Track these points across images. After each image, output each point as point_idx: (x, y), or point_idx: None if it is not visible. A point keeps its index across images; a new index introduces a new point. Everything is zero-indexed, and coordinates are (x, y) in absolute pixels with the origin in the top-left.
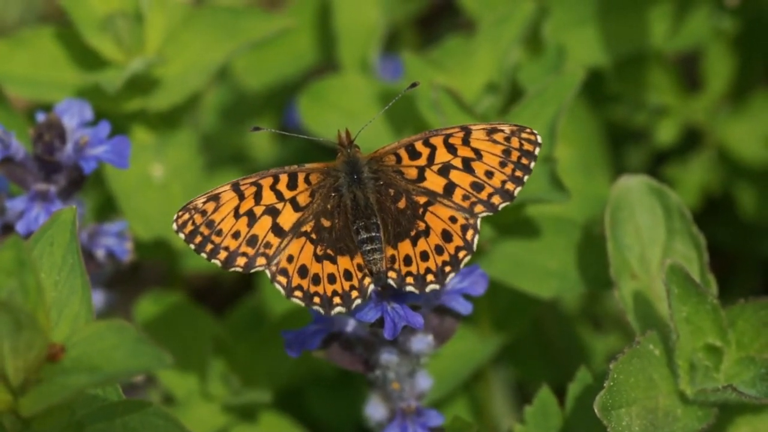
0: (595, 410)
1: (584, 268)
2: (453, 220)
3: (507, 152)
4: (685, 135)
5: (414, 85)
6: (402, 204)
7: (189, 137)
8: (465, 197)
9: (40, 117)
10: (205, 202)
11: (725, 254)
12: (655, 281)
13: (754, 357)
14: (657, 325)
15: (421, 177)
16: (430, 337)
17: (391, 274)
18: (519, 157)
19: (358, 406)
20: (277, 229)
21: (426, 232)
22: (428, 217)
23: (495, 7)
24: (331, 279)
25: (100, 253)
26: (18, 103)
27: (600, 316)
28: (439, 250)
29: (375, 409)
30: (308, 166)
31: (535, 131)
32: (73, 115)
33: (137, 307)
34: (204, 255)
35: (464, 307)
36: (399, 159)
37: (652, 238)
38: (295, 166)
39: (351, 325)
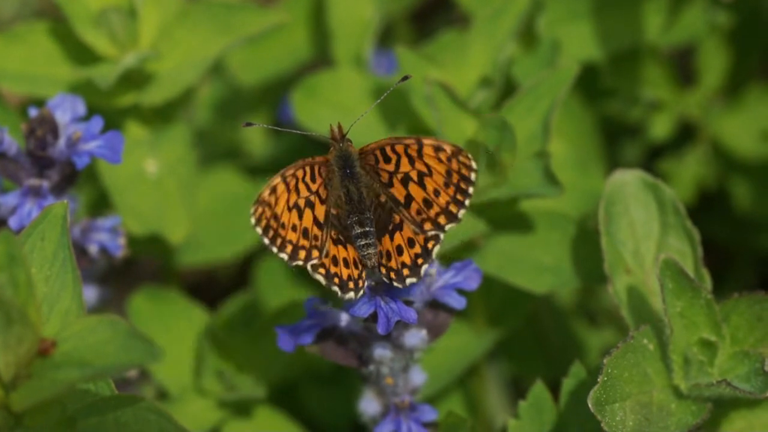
0: (589, 405)
1: (578, 263)
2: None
3: (449, 173)
4: (679, 129)
5: (405, 78)
6: (383, 198)
7: (183, 132)
8: (418, 212)
9: (33, 112)
10: (269, 194)
11: (720, 249)
12: (650, 276)
13: (748, 351)
14: (651, 320)
15: (390, 183)
16: (423, 332)
17: (381, 269)
18: (458, 180)
19: (353, 401)
20: (317, 222)
21: (400, 226)
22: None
23: (489, 2)
24: (346, 263)
25: (93, 249)
26: (12, 99)
27: (595, 311)
28: (411, 242)
29: (369, 404)
30: (318, 158)
31: (470, 155)
32: (65, 111)
33: (131, 303)
34: (275, 249)
35: (458, 302)
36: (377, 160)
37: (646, 233)
38: (310, 159)
39: (344, 320)
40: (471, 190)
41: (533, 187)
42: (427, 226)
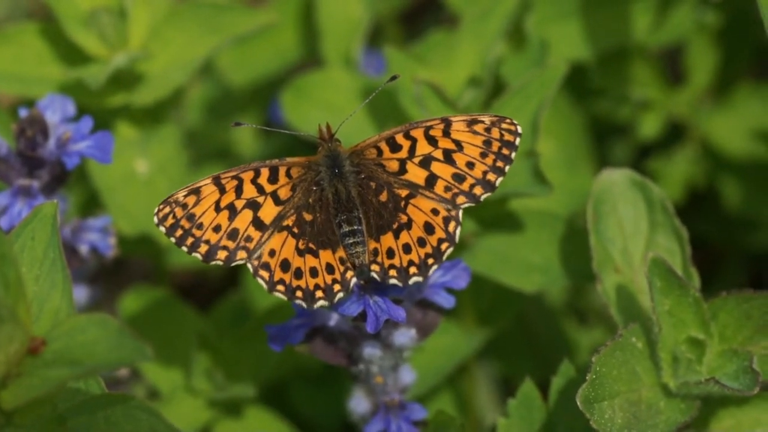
0: (578, 403)
1: (567, 261)
2: (435, 212)
3: (487, 143)
4: (668, 128)
5: (394, 77)
6: (384, 197)
7: (173, 132)
8: (447, 188)
9: (23, 113)
10: (186, 196)
11: (710, 248)
12: (638, 274)
13: (736, 350)
14: (640, 318)
15: (403, 169)
16: (413, 331)
17: (374, 267)
18: (500, 148)
19: (342, 400)
20: (257, 223)
21: (408, 225)
22: (410, 209)
23: (478, 2)
24: (314, 273)
25: (83, 249)
26: (2, 99)
27: (584, 310)
28: (421, 242)
29: (358, 403)
30: (289, 160)
31: (515, 121)
32: (55, 111)
33: (122, 303)
34: (185, 248)
35: (447, 301)
36: (380, 152)
37: (634, 232)
38: (276, 160)
39: (334, 319)
40: (513, 155)
41: (522, 186)
42: (461, 199)
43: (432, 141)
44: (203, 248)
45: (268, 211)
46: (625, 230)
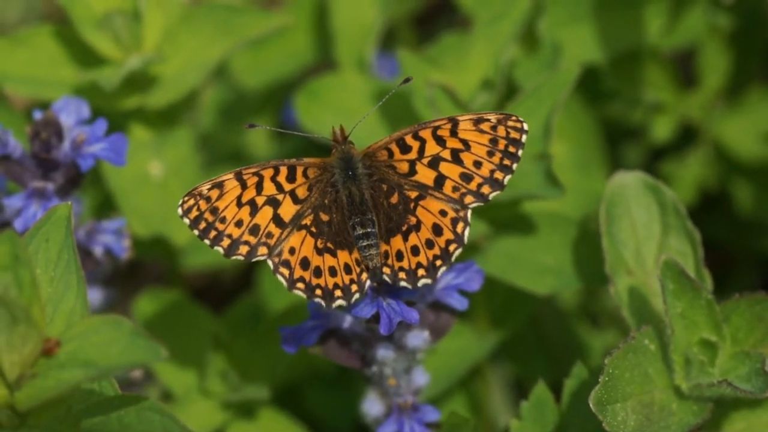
0: (591, 405)
1: (580, 264)
2: (443, 213)
3: (494, 141)
4: (681, 131)
5: (407, 80)
6: (394, 199)
7: (187, 135)
8: (455, 188)
9: (38, 115)
10: (209, 189)
11: (722, 251)
12: (651, 277)
13: (748, 352)
14: (652, 321)
15: (413, 171)
16: (426, 333)
17: (385, 269)
18: (506, 146)
19: (356, 402)
20: (277, 220)
21: (417, 227)
22: (419, 211)
23: (491, 5)
24: (333, 272)
25: (97, 251)
26: (17, 102)
27: (597, 312)
28: (429, 244)
29: (372, 405)
30: (306, 160)
31: (521, 119)
32: (70, 113)
33: (136, 305)
34: (207, 242)
35: (460, 303)
36: (391, 154)
37: (647, 234)
38: (294, 160)
39: (347, 321)
40: (520, 153)
41: (535, 189)
42: (469, 199)
43: (440, 141)
44: (225, 242)
45: (288, 209)
46: (637, 233)
